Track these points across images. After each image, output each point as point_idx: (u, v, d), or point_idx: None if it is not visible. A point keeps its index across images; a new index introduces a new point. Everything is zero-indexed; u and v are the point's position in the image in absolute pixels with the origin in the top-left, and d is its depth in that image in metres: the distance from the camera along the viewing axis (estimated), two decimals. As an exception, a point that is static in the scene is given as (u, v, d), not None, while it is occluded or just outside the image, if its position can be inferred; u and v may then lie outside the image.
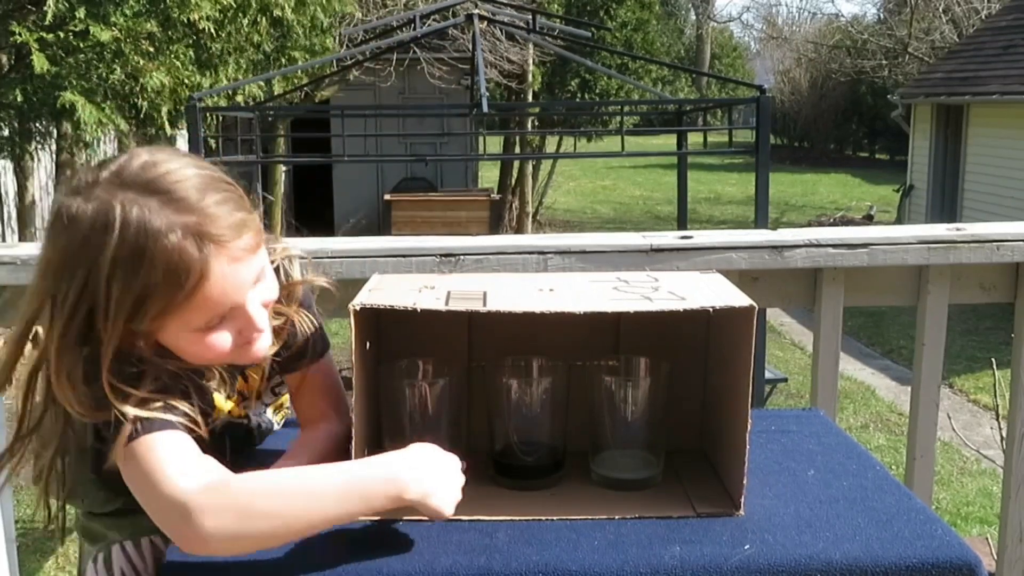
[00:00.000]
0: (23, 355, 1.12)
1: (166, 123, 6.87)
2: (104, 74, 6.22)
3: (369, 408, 1.21)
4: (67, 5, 5.95)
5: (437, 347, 1.29)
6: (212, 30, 6.75)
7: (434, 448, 1.10)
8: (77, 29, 6.00)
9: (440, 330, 1.31)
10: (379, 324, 1.29)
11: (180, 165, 1.07)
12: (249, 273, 1.10)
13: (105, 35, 5.94)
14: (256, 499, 1.01)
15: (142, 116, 6.83)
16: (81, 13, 5.92)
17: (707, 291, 1.22)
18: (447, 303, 1.16)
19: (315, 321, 1.28)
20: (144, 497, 1.03)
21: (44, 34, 5.95)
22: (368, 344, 1.20)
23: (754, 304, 1.14)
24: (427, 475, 1.06)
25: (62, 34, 6.02)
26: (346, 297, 1.19)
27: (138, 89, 6.43)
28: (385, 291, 1.22)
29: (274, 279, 1.17)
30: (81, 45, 6.08)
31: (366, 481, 1.04)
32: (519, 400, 1.23)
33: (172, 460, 1.02)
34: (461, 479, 1.09)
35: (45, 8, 5.86)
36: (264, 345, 1.16)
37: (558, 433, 1.25)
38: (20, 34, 5.85)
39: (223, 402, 1.24)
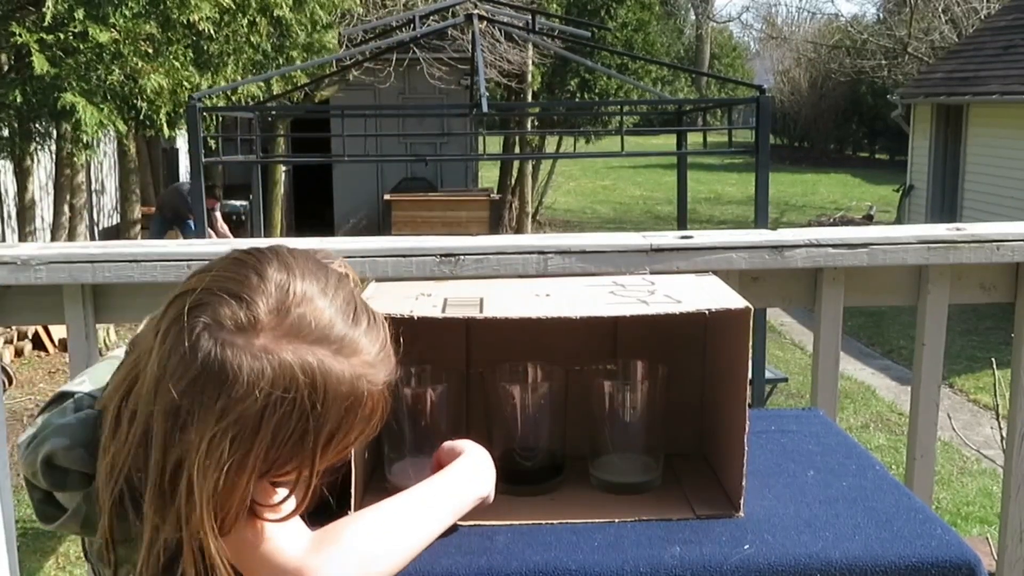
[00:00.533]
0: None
1: (164, 125, 6.87)
2: (103, 75, 6.22)
3: (368, 411, 1.21)
4: (66, 6, 5.95)
5: (435, 354, 1.29)
6: (211, 31, 6.75)
7: (478, 445, 1.17)
8: (77, 30, 6.01)
9: (438, 337, 1.31)
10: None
11: (324, 301, 0.96)
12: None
13: (104, 36, 5.95)
14: (372, 543, 1.02)
15: (141, 117, 6.83)
16: (80, 14, 5.92)
17: (703, 294, 1.23)
18: (444, 310, 1.16)
19: None
20: (250, 569, 0.98)
21: (44, 35, 5.95)
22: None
23: (750, 306, 1.14)
24: (491, 472, 1.16)
25: (62, 35, 6.02)
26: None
27: (137, 91, 6.44)
28: (382, 299, 1.22)
29: None
30: (81, 47, 6.08)
31: (462, 496, 1.12)
32: (518, 405, 1.23)
33: (272, 524, 0.98)
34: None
35: (44, 9, 5.87)
36: None
37: (557, 438, 1.25)
38: (20, 35, 5.85)
39: None
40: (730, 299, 1.18)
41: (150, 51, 6.41)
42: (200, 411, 0.89)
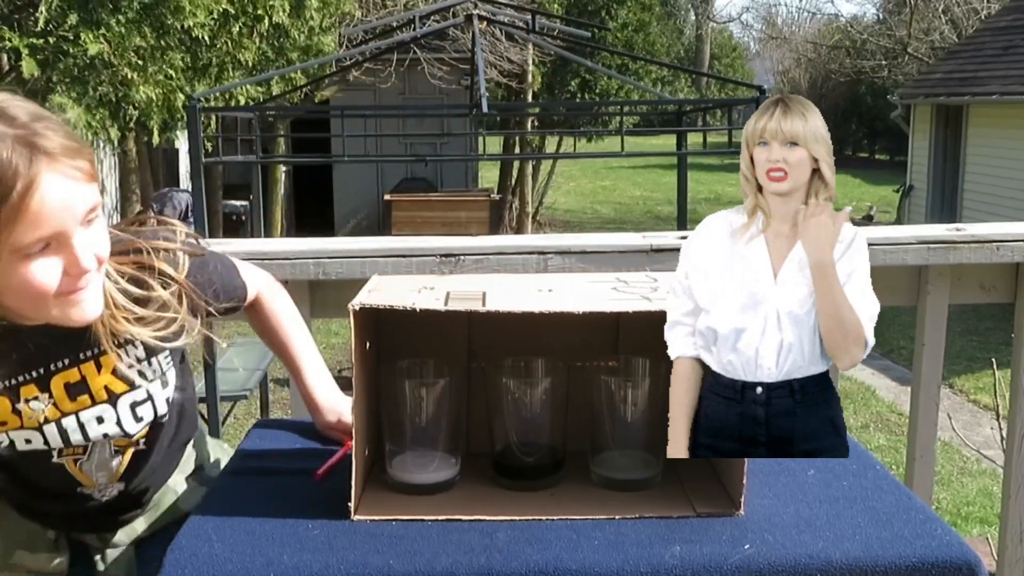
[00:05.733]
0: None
1: (156, 133, 6.89)
2: (94, 85, 6.24)
3: (369, 408, 1.21)
4: (59, 11, 5.96)
5: (437, 348, 1.29)
6: (206, 38, 6.76)
7: None
8: (69, 36, 6.02)
9: (440, 330, 1.31)
10: (379, 324, 1.29)
11: (20, 101, 1.09)
12: (80, 200, 1.07)
13: (94, 48, 5.97)
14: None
15: (133, 124, 6.85)
16: (73, 19, 5.93)
17: (707, 291, 1.22)
18: (446, 303, 1.16)
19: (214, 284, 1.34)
20: None
21: (35, 40, 5.98)
22: (368, 344, 1.20)
23: (754, 304, 1.13)
24: None
25: (52, 39, 6.04)
26: (346, 297, 1.19)
27: (127, 100, 6.46)
28: (385, 291, 1.22)
29: (107, 238, 1.14)
30: (71, 51, 6.09)
31: None
32: (519, 401, 1.23)
33: None
34: None
35: (37, 14, 5.88)
36: (91, 306, 1.14)
37: (558, 433, 1.25)
38: (10, 39, 5.87)
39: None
40: (731, 297, 1.18)
41: (140, 62, 6.42)
42: None
